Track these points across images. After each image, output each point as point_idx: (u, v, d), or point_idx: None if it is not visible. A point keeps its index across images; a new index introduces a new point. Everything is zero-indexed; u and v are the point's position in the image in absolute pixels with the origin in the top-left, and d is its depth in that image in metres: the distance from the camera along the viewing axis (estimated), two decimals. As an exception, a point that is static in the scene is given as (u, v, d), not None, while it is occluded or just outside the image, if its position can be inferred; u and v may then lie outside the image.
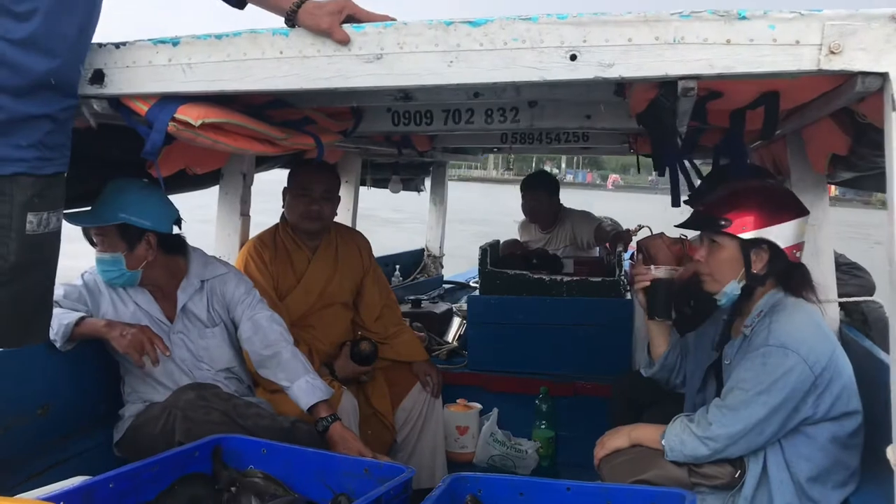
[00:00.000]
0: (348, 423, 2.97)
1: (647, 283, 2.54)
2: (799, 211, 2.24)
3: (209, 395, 2.46)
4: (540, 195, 5.30)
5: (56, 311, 2.46)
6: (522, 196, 5.38)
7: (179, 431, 2.35)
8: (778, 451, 2.13)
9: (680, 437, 2.18)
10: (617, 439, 2.35)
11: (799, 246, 2.23)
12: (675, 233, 4.24)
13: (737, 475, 2.17)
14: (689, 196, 3.30)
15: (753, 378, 2.10)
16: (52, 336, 2.45)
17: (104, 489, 1.66)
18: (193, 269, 2.74)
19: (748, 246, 2.21)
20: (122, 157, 2.46)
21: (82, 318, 2.53)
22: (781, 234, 2.19)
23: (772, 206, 2.21)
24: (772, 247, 2.20)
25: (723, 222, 2.21)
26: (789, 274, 2.24)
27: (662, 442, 2.22)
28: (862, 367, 2.45)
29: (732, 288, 2.26)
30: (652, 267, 2.56)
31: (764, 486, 2.13)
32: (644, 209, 5.51)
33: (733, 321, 2.35)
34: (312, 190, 3.24)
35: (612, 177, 60.67)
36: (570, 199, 5.74)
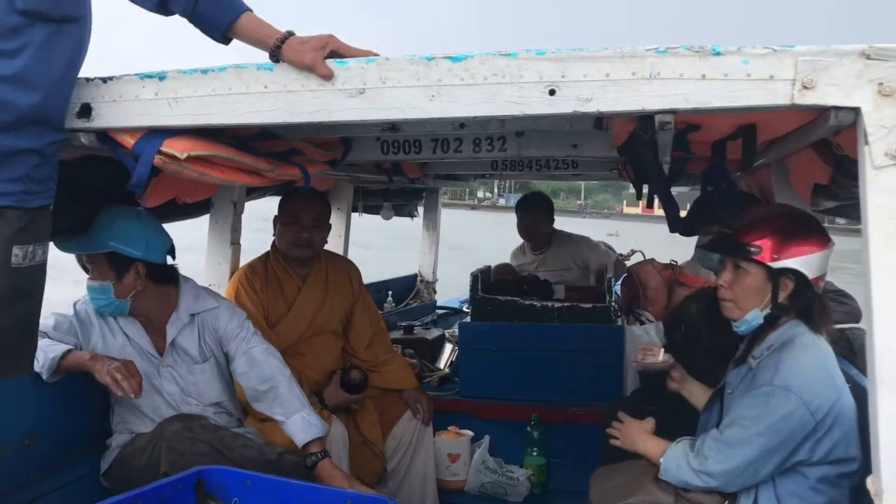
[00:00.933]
0: (337, 452, 2.97)
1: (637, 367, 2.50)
2: (826, 240, 2.17)
3: (195, 426, 2.45)
4: (536, 214, 5.35)
5: (43, 342, 2.46)
6: (518, 215, 5.42)
7: (165, 463, 2.34)
8: (770, 488, 2.11)
9: (677, 462, 2.18)
10: (632, 440, 2.37)
11: (822, 277, 2.18)
12: (666, 258, 4.28)
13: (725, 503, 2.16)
14: (680, 225, 3.32)
15: (754, 417, 2.06)
16: (37, 368, 2.43)
17: (86, 523, 1.66)
18: (183, 303, 2.72)
19: (777, 274, 2.14)
20: (113, 188, 2.47)
21: (69, 351, 2.53)
22: (810, 264, 2.13)
23: (803, 235, 2.15)
24: (798, 277, 2.14)
25: (753, 248, 2.14)
26: (811, 306, 2.18)
27: (661, 459, 2.22)
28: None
29: (754, 316, 2.20)
30: (658, 355, 2.49)
31: None
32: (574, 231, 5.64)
33: (750, 350, 2.30)
34: (302, 218, 3.26)
35: (543, 201, 60.49)
36: (503, 221, 5.82)
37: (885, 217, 1.45)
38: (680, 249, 4.28)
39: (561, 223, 5.67)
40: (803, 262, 2.12)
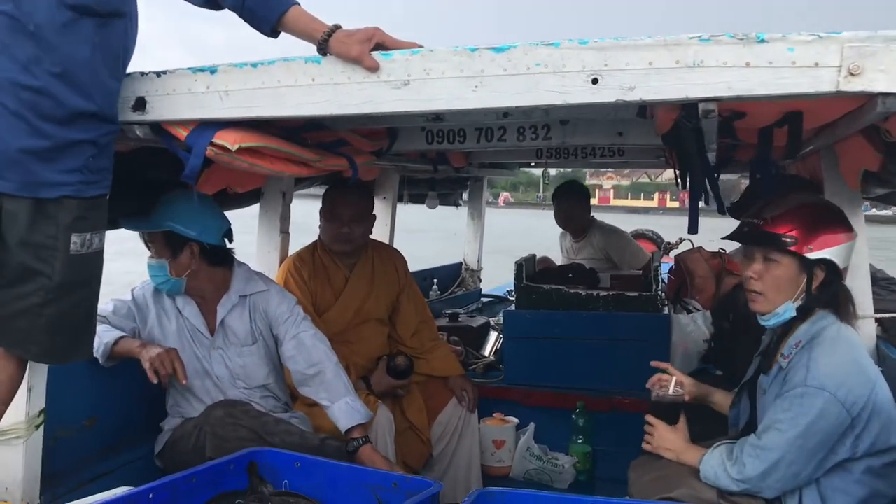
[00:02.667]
0: (383, 437, 3.02)
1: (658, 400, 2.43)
2: (852, 230, 2.17)
3: (238, 412, 2.53)
4: (571, 202, 5.37)
5: (100, 328, 2.56)
6: (555, 204, 5.45)
7: (209, 448, 2.43)
8: (813, 487, 2.09)
9: (715, 471, 2.15)
10: (668, 446, 2.32)
11: (848, 267, 2.17)
12: (714, 245, 4.24)
13: None
14: (730, 206, 3.31)
15: (790, 420, 2.04)
16: (94, 353, 2.51)
17: (144, 500, 1.73)
18: (235, 285, 2.79)
19: (811, 265, 2.12)
20: (167, 178, 2.55)
21: (121, 338, 2.62)
22: (841, 254, 2.12)
23: (833, 224, 2.14)
24: (830, 267, 2.12)
25: (788, 239, 2.11)
26: (838, 296, 2.16)
27: (699, 466, 2.20)
28: (898, 384, 2.42)
29: (787, 309, 2.17)
30: (669, 385, 2.43)
31: None
32: (532, 223, 5.64)
33: (779, 345, 2.26)
34: (342, 214, 3.30)
35: (503, 195, 61.98)
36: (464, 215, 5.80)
37: None
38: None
39: (521, 214, 5.69)
40: (835, 252, 2.11)
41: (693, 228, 2.68)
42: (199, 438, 2.50)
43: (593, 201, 5.54)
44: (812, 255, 2.11)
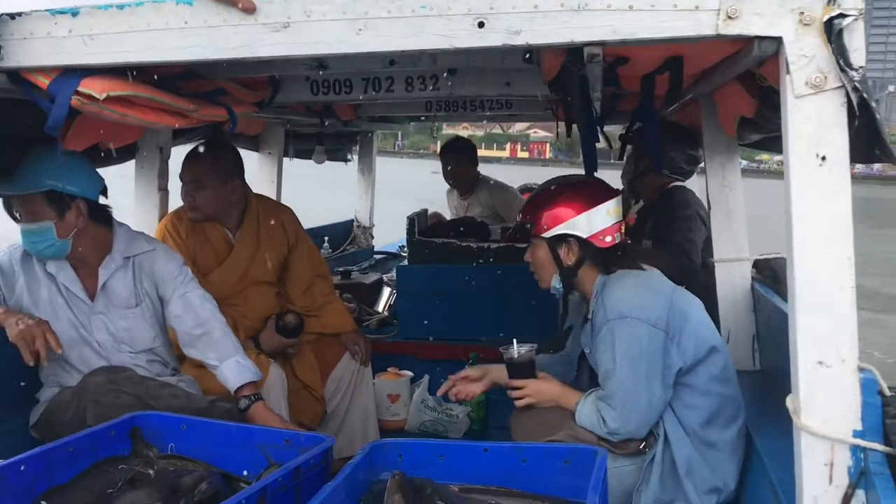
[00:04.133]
0: (276, 396, 2.96)
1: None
2: (595, 200, 2.31)
3: (119, 378, 2.40)
4: (458, 158, 5.38)
5: None
6: (442, 161, 5.44)
7: (90, 416, 2.29)
8: (670, 412, 2.22)
9: (591, 420, 2.26)
10: (546, 395, 2.40)
11: (609, 230, 2.31)
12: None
13: (641, 446, 2.25)
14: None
15: (611, 359, 2.20)
16: None
17: (14, 472, 1.62)
18: (117, 245, 2.63)
19: (552, 243, 2.34)
20: (32, 132, 2.37)
21: None
22: (580, 225, 2.30)
23: (562, 203, 2.33)
24: (577, 238, 2.31)
25: (528, 226, 2.37)
26: (603, 259, 2.33)
27: (575, 416, 2.29)
28: (772, 322, 2.55)
29: (556, 282, 2.40)
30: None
31: (667, 448, 2.21)
32: (394, 171, 5.76)
33: (567, 307, 2.51)
34: (184, 176, 3.13)
35: (365, 144, 62.42)
36: (325, 166, 5.83)
37: (806, 145, 1.49)
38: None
39: (380, 162, 5.63)
40: (570, 225, 2.31)
41: (590, 169, 2.77)
42: (79, 407, 2.36)
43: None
44: (548, 234, 2.33)
